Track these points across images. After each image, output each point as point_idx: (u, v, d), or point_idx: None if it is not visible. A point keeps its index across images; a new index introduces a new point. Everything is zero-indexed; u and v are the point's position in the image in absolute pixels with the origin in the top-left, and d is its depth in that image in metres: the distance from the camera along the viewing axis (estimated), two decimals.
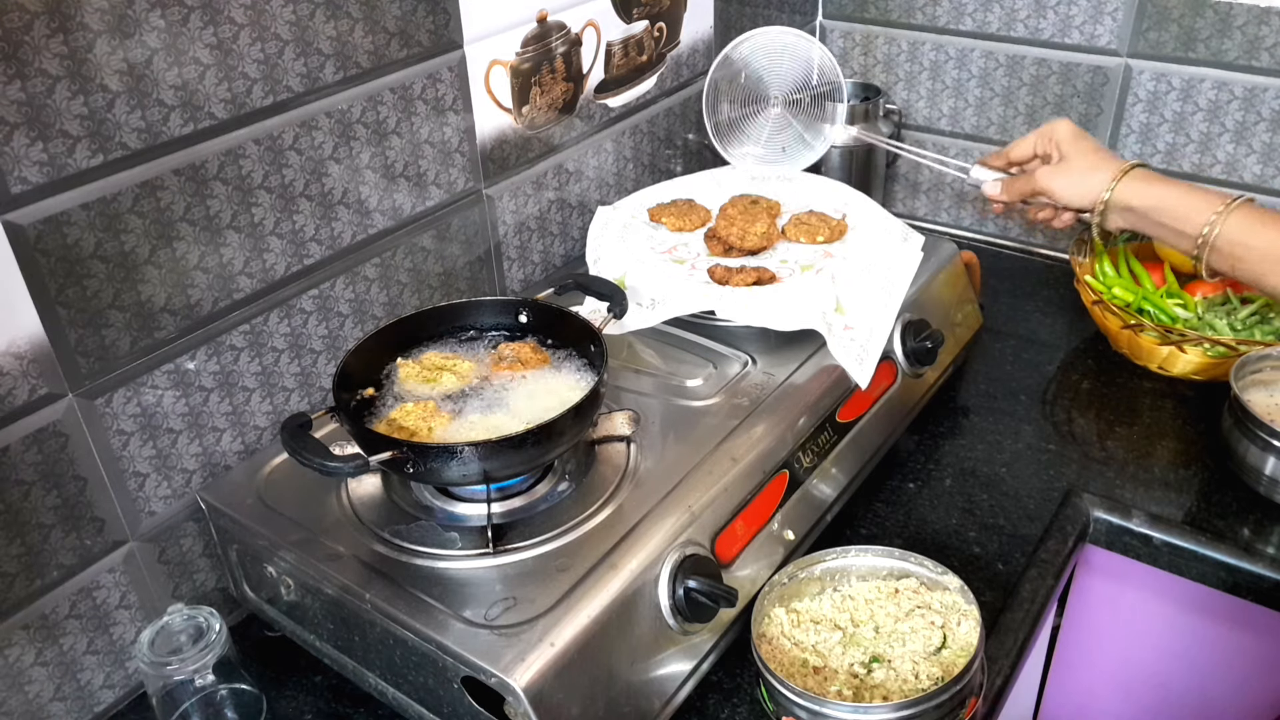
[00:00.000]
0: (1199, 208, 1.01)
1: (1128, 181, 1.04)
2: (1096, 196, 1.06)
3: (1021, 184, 1.13)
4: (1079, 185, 1.07)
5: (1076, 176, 1.08)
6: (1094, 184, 1.06)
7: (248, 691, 0.91)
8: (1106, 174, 1.05)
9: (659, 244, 1.16)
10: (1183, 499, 1.11)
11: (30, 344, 0.79)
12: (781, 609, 0.91)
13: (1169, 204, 1.02)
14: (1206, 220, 0.99)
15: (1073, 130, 1.10)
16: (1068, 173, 1.08)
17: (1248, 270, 1.02)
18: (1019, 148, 1.16)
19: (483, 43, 1.09)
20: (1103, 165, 1.07)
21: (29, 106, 0.74)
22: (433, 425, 0.86)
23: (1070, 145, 1.10)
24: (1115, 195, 1.04)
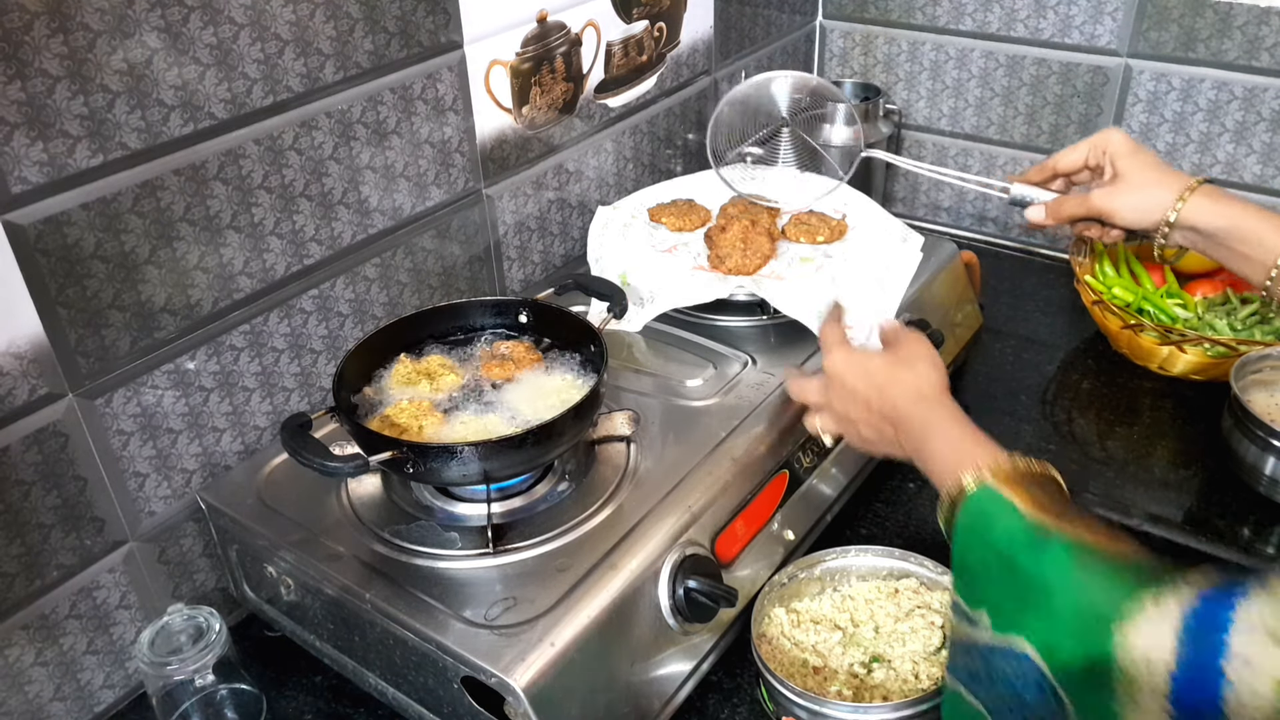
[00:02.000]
0: (1273, 233, 0.90)
1: (1195, 200, 0.93)
2: (1161, 217, 0.94)
3: (1072, 207, 1.01)
4: (1140, 206, 0.96)
5: (1137, 196, 0.97)
6: (1157, 203, 0.95)
7: (248, 691, 0.91)
8: (1170, 192, 0.94)
9: (659, 244, 1.16)
10: (1183, 499, 1.11)
11: (30, 344, 0.79)
12: (781, 609, 0.91)
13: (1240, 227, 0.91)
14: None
15: (1128, 143, 0.99)
16: (1127, 192, 0.97)
17: None
18: (1066, 158, 1.03)
19: (483, 43, 1.09)
20: (1165, 182, 0.95)
21: (29, 106, 0.74)
22: (424, 423, 0.86)
23: (1127, 161, 0.98)
24: (1181, 216, 0.93)
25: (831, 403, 0.91)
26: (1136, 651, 0.58)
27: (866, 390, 0.87)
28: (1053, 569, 0.65)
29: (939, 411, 0.83)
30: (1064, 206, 1.02)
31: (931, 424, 0.82)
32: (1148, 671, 0.58)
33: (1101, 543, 0.66)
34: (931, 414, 0.83)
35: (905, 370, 0.87)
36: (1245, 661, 0.55)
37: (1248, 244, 0.91)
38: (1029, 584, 0.66)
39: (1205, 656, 0.56)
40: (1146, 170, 0.97)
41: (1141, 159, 0.98)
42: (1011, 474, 0.74)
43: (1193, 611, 0.58)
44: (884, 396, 0.86)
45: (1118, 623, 0.60)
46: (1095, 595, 0.62)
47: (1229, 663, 0.55)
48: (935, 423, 0.82)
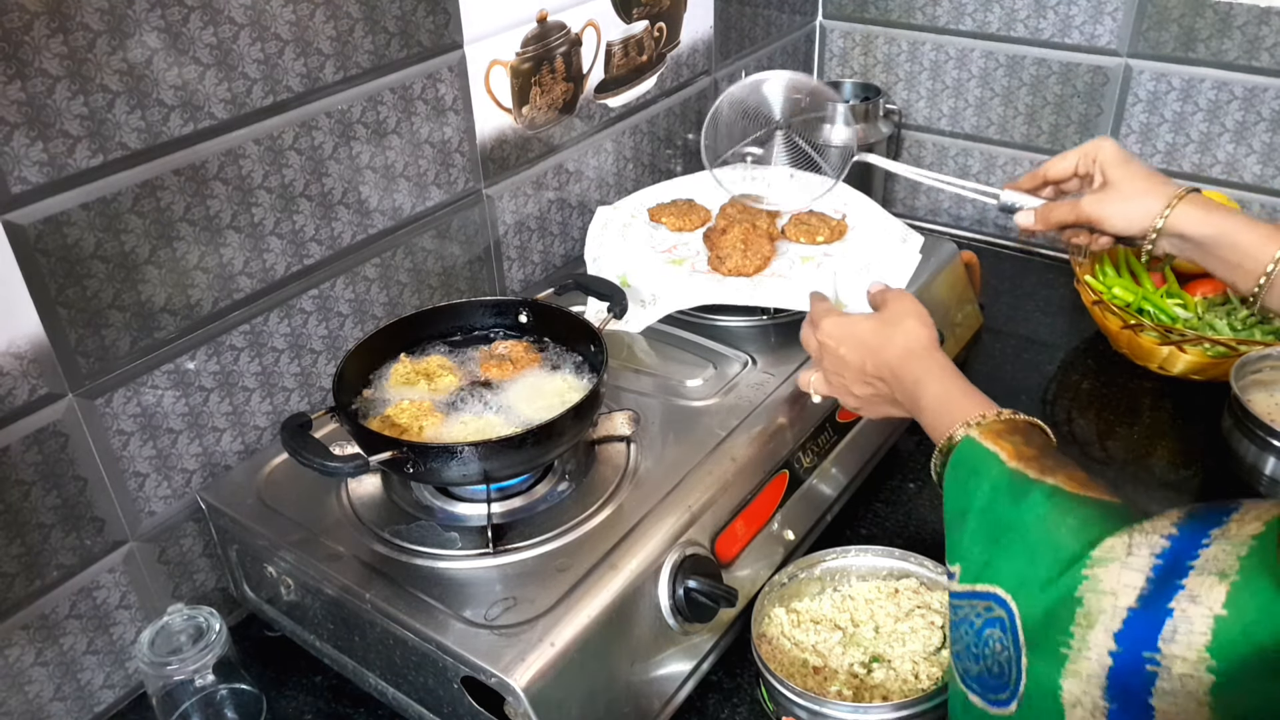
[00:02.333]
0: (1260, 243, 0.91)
1: (1183, 209, 0.93)
2: (1148, 224, 0.95)
3: (1062, 213, 1.02)
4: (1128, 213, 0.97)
5: (1126, 204, 0.97)
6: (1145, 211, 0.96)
7: (248, 691, 0.91)
8: (1158, 200, 0.95)
9: (659, 244, 1.16)
10: (1183, 499, 1.11)
11: (30, 344, 0.79)
12: (781, 609, 0.91)
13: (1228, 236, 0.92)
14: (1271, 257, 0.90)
15: (1118, 152, 1.00)
16: (1116, 200, 0.98)
17: None
18: (1057, 166, 1.05)
19: (483, 43, 1.09)
20: (1154, 190, 0.96)
21: (29, 106, 0.74)
22: (424, 424, 0.86)
23: (1116, 170, 0.99)
24: (1168, 224, 0.94)
25: (824, 364, 0.93)
26: (1104, 585, 0.60)
27: (859, 356, 0.89)
28: (1030, 513, 0.67)
29: (929, 365, 0.85)
30: (1054, 213, 1.03)
31: (922, 379, 0.84)
32: (1111, 607, 0.60)
33: (1080, 489, 0.67)
34: (922, 369, 0.85)
35: (894, 329, 0.89)
36: (1191, 598, 0.57)
37: (1235, 253, 0.92)
38: (1007, 528, 0.68)
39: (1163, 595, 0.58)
40: (1135, 179, 0.98)
41: (1131, 168, 0.99)
42: (997, 426, 0.76)
43: (1164, 551, 0.59)
44: (876, 357, 0.88)
45: (1090, 563, 0.62)
46: (1070, 536, 0.64)
47: (1177, 600, 0.57)
48: (926, 378, 0.84)
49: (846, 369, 0.91)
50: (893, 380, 0.87)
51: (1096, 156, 1.00)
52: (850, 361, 0.90)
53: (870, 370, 0.89)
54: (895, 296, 0.93)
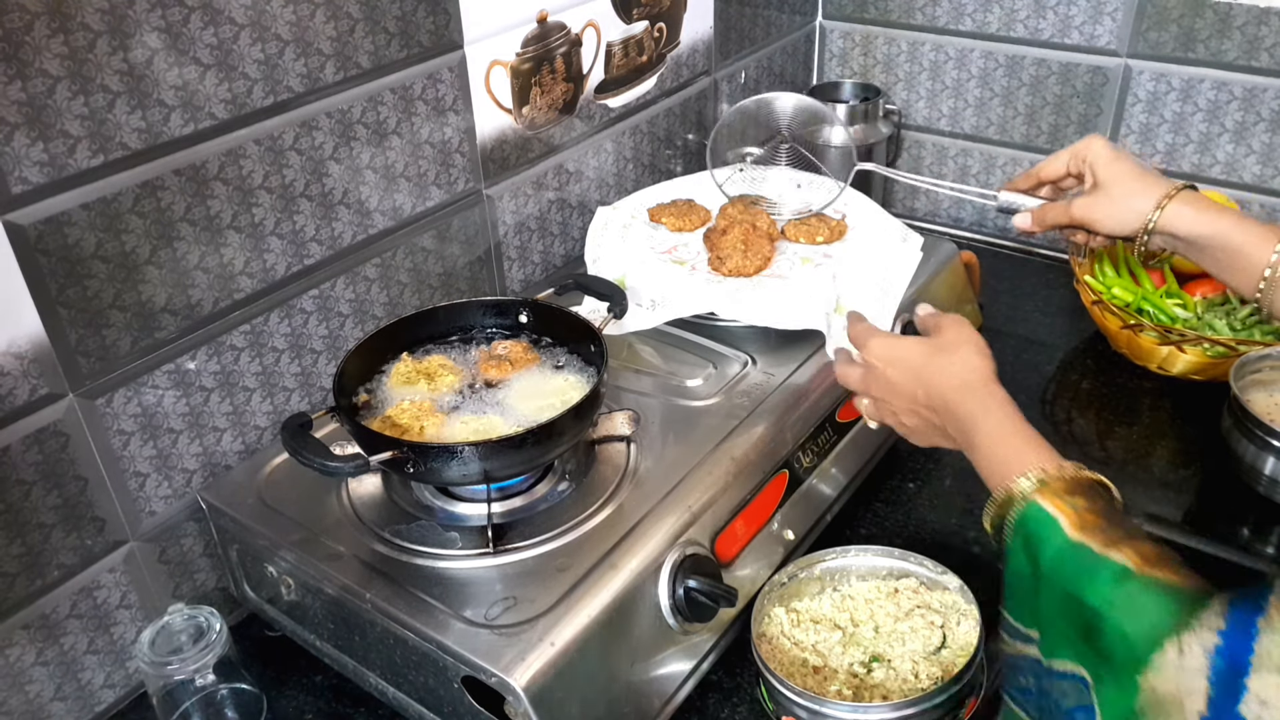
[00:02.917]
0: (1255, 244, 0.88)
1: (1173, 209, 0.92)
2: (1138, 225, 0.94)
3: (1055, 214, 1.01)
4: (1119, 214, 0.96)
5: (1114, 205, 0.96)
6: (1134, 211, 0.94)
7: (248, 691, 0.91)
8: (1149, 200, 0.93)
9: (659, 244, 1.16)
10: (1182, 499, 1.11)
11: (31, 344, 0.79)
12: (781, 609, 0.91)
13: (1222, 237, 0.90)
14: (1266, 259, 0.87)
15: (1108, 152, 0.98)
16: (1105, 201, 0.97)
17: None
18: (1050, 166, 1.04)
19: (483, 43, 1.09)
20: (1144, 190, 0.94)
21: (29, 106, 0.74)
22: (425, 424, 0.86)
23: (1106, 169, 0.97)
24: (1159, 223, 0.92)
25: (871, 391, 0.90)
26: (1170, 688, 0.58)
27: (909, 381, 0.85)
28: (1098, 596, 0.64)
29: (987, 403, 0.81)
30: (1048, 215, 1.02)
31: (978, 417, 0.80)
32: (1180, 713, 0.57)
33: (1148, 567, 0.64)
34: (979, 405, 0.81)
35: (948, 357, 0.84)
36: (1262, 703, 0.55)
37: (1230, 254, 0.90)
38: (1078, 611, 0.65)
39: (1230, 698, 0.56)
40: (1125, 179, 0.96)
41: (1120, 166, 0.97)
42: (1060, 485, 0.72)
43: (1217, 651, 0.57)
44: (929, 387, 0.84)
45: (1153, 666, 0.59)
46: (1139, 630, 0.61)
47: (1246, 703, 0.55)
48: (982, 416, 0.80)
49: (896, 395, 0.87)
50: (945, 413, 0.83)
51: (1086, 156, 0.99)
52: (901, 387, 0.86)
53: (922, 399, 0.85)
54: (951, 323, 0.89)
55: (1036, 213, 1.03)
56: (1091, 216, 0.97)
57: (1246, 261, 0.89)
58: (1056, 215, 1.01)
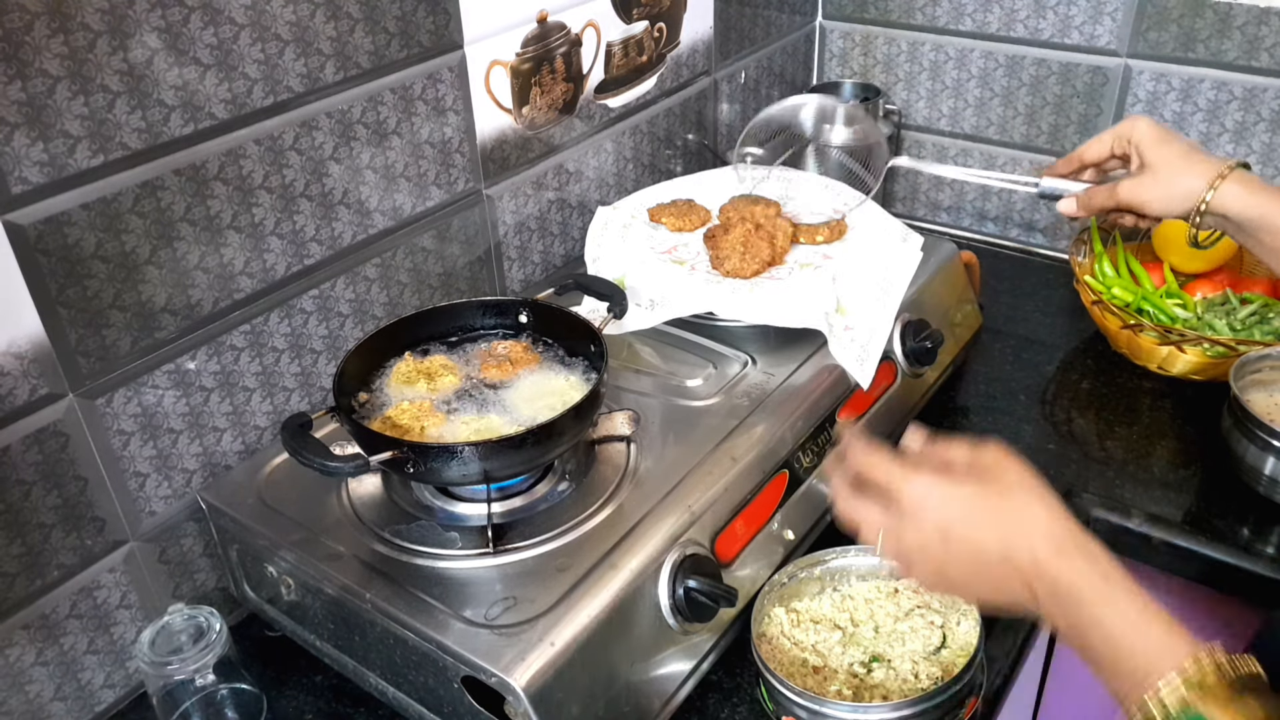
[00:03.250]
0: None
1: (1226, 188, 0.89)
2: (1192, 205, 0.91)
3: (1102, 197, 0.97)
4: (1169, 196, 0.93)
5: (1164, 187, 0.93)
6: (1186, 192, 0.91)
7: (248, 691, 0.91)
8: (1201, 179, 0.90)
9: (659, 244, 1.16)
10: (1182, 499, 1.11)
11: (31, 344, 0.79)
12: (781, 609, 0.91)
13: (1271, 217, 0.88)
14: None
15: (1155, 132, 0.95)
16: (1155, 183, 0.93)
17: None
18: (1093, 149, 1.01)
19: (483, 43, 1.09)
20: (1194, 169, 0.92)
21: (29, 106, 0.74)
22: (425, 424, 0.86)
23: (1154, 151, 0.94)
24: (1212, 204, 0.90)
25: (905, 541, 0.71)
26: None
27: (972, 533, 0.68)
28: None
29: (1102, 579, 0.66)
30: (1094, 198, 0.99)
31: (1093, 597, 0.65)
32: None
33: None
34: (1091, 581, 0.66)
35: (1023, 512, 0.68)
36: None
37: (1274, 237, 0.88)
38: None
39: None
40: (1175, 159, 0.93)
41: (1169, 147, 0.94)
42: (1215, 685, 0.60)
43: None
44: (1009, 542, 0.67)
45: None
46: None
47: None
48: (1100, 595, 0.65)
49: (951, 552, 0.69)
50: (1037, 579, 0.66)
51: (1131, 137, 0.96)
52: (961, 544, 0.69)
53: (996, 555, 0.68)
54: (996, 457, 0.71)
55: (1082, 197, 1.00)
56: (1141, 199, 0.94)
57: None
58: (1103, 199, 0.98)
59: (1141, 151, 0.95)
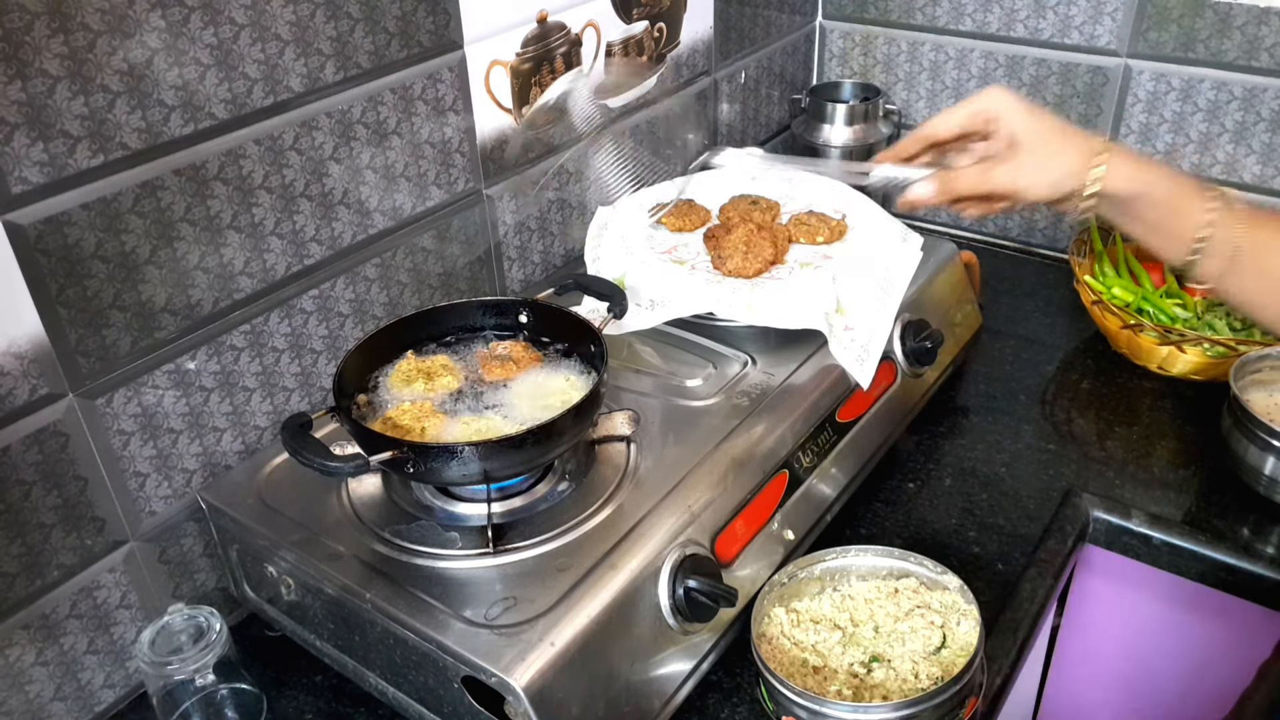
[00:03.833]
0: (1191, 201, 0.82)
1: (1111, 163, 0.82)
2: (1074, 186, 0.83)
3: (968, 182, 0.87)
4: (1049, 178, 0.84)
5: (1043, 170, 0.84)
6: (1067, 171, 0.83)
7: (248, 691, 0.91)
8: (1081, 157, 0.82)
9: (659, 244, 1.16)
10: (1182, 499, 1.11)
11: (31, 344, 0.79)
12: (781, 609, 0.91)
13: (1155, 194, 0.82)
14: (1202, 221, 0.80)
15: (1020, 105, 0.85)
16: (1033, 165, 0.84)
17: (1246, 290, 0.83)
18: (944, 125, 0.89)
19: (483, 43, 1.09)
20: (1072, 146, 0.84)
21: (29, 106, 0.74)
22: (426, 425, 0.86)
23: (1025, 127, 0.85)
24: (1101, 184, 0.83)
25: None
26: None
27: None
28: None
29: None
30: (958, 183, 0.88)
31: None
32: None
33: None
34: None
35: None
36: None
37: (1164, 213, 0.82)
38: None
39: None
40: (1049, 136, 0.85)
41: (1041, 122, 0.85)
42: None
43: None
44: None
45: None
46: None
47: None
48: None
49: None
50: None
51: (993, 112, 0.86)
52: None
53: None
54: None
55: (942, 182, 0.89)
56: (1019, 183, 0.85)
57: (1179, 221, 0.82)
58: (970, 183, 0.87)
59: (1012, 129, 0.85)
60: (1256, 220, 0.81)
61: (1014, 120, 0.85)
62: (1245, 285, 0.82)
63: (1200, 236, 0.81)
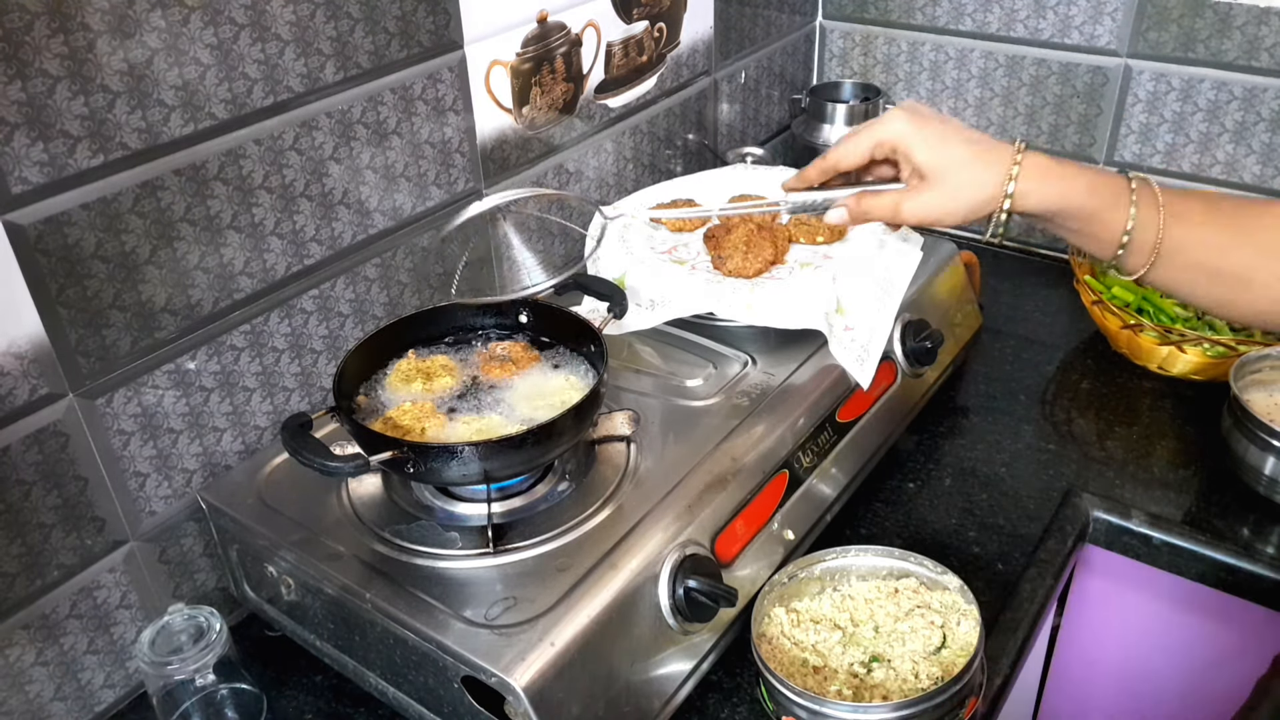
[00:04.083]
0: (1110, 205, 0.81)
1: (1023, 186, 0.81)
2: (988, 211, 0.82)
3: (879, 211, 0.87)
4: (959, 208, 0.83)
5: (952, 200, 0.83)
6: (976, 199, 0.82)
7: (248, 691, 0.91)
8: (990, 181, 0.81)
9: (659, 244, 1.16)
10: (1182, 499, 1.11)
11: (31, 344, 0.79)
12: (781, 609, 0.91)
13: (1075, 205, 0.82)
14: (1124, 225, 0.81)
15: (919, 133, 0.83)
16: (940, 197, 0.83)
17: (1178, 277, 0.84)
18: (848, 155, 0.87)
19: (483, 43, 1.09)
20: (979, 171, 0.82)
21: (30, 106, 0.74)
22: (426, 425, 0.86)
23: (928, 157, 0.82)
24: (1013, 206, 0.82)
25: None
26: None
27: None
28: None
29: None
30: (871, 210, 0.87)
31: None
32: None
33: None
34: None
35: None
36: None
37: (1084, 220, 0.82)
38: None
39: None
40: (955, 166, 0.82)
41: (944, 151, 0.82)
42: None
43: None
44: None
45: None
46: None
47: None
48: None
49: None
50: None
51: (893, 143, 0.84)
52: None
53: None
54: None
55: (855, 212, 0.88)
56: (929, 216, 0.84)
57: (1100, 227, 0.82)
58: (880, 212, 0.87)
59: (913, 160, 0.83)
60: (1176, 212, 0.82)
61: (915, 152, 0.83)
62: (1172, 276, 0.84)
63: (1123, 242, 0.82)
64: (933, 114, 0.86)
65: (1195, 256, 0.82)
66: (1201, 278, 0.83)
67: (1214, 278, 0.83)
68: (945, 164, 0.82)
